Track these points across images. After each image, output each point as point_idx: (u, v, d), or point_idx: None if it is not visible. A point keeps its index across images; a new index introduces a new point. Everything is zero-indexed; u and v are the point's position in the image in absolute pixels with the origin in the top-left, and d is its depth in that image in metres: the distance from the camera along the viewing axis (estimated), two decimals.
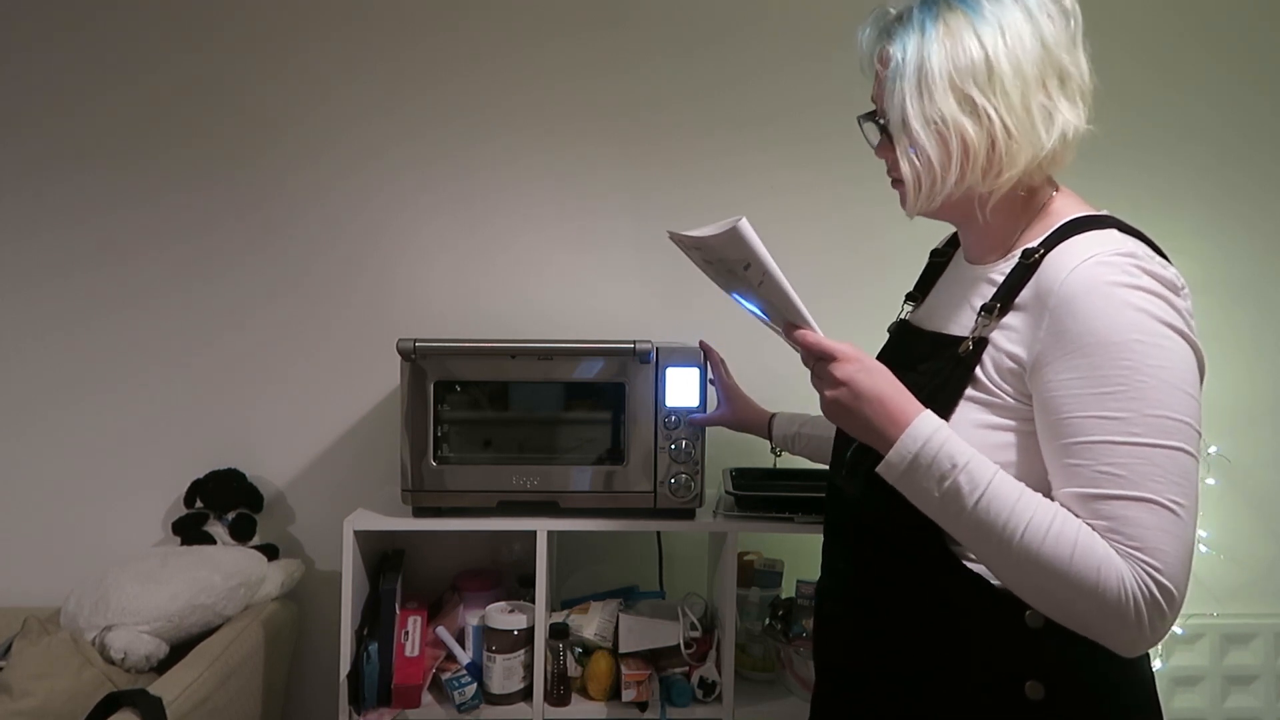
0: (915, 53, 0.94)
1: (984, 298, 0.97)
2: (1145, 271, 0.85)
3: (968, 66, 0.92)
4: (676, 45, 2.01)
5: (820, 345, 0.94)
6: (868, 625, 1.03)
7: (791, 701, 1.70)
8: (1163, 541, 0.80)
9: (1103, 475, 0.83)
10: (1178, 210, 2.06)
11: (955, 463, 0.87)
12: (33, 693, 1.48)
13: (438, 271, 2.01)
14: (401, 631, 1.65)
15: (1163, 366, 0.83)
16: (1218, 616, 2.05)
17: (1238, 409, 2.07)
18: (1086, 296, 0.85)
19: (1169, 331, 0.84)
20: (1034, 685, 0.90)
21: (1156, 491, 0.81)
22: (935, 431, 0.88)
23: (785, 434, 1.56)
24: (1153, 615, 0.81)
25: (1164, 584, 0.80)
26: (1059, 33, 0.93)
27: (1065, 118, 0.93)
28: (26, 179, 1.96)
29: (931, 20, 0.94)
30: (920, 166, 0.95)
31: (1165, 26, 2.06)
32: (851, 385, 0.92)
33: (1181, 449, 0.82)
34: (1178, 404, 0.82)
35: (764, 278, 0.94)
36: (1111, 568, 0.81)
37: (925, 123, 0.94)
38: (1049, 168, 0.96)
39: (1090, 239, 0.90)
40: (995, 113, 0.91)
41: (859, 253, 2.02)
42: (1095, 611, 0.82)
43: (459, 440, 1.69)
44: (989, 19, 0.92)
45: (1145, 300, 0.84)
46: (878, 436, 0.91)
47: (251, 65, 1.98)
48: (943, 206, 0.99)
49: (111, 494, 1.98)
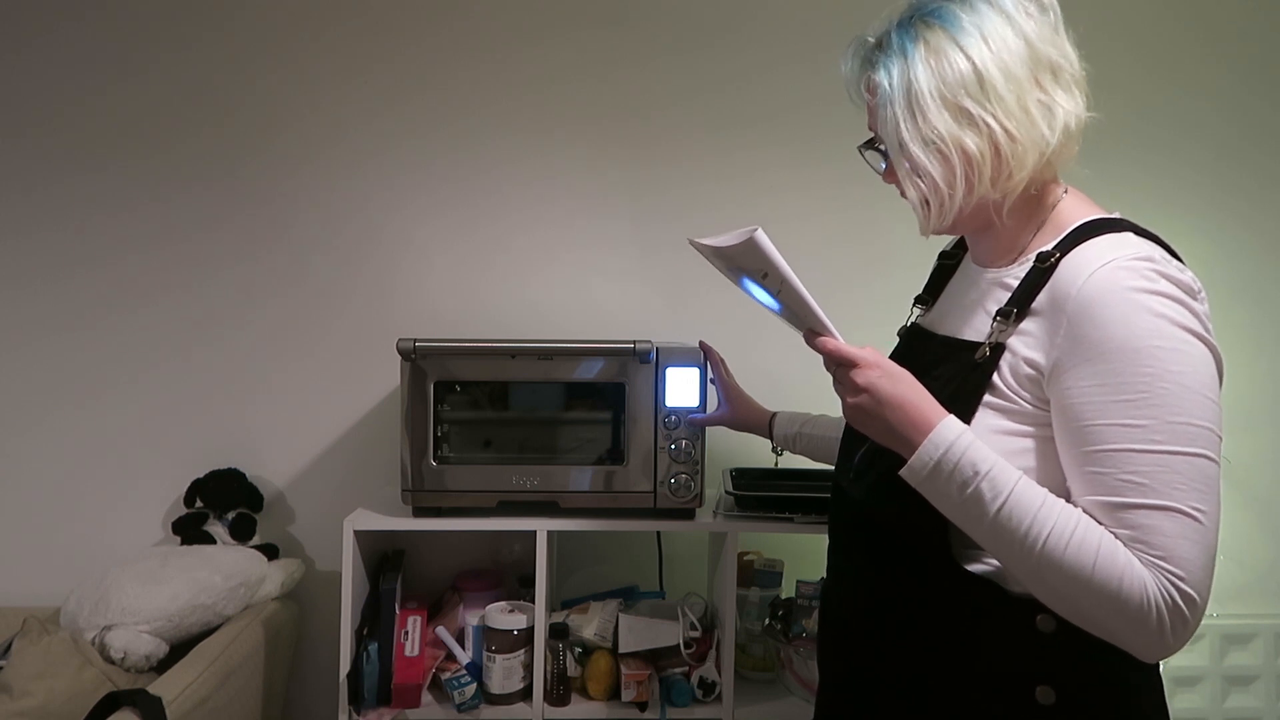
0: (901, 76, 0.93)
1: (999, 302, 0.96)
2: (1163, 276, 0.85)
3: (957, 80, 0.91)
4: (676, 45, 2.01)
5: (841, 352, 0.94)
6: (874, 628, 1.02)
7: (791, 701, 1.70)
8: (1186, 550, 0.80)
9: (1125, 483, 0.82)
10: (1177, 210, 2.06)
11: (978, 470, 0.86)
12: (33, 692, 1.48)
13: (438, 271, 2.01)
14: (401, 631, 1.65)
15: (1184, 372, 0.82)
16: (1218, 616, 2.05)
17: (1238, 409, 2.05)
18: (1105, 302, 0.84)
19: (1188, 336, 0.83)
20: (1045, 690, 0.90)
21: (1179, 499, 0.81)
22: (959, 437, 0.88)
23: (786, 433, 1.56)
24: (1175, 623, 0.80)
25: (1187, 592, 0.80)
26: (1041, 27, 0.93)
27: (1065, 109, 0.92)
28: (26, 179, 1.96)
29: (911, 41, 0.93)
30: (926, 187, 0.95)
31: (1165, 26, 2.06)
32: (874, 391, 0.92)
33: (1204, 455, 0.82)
34: (1199, 410, 0.82)
35: (782, 285, 0.94)
36: (1134, 576, 0.81)
37: (923, 144, 0.93)
38: (1057, 163, 0.95)
39: (1107, 242, 0.89)
40: (994, 119, 0.91)
41: (861, 252, 2.02)
42: (1117, 619, 0.82)
43: (459, 440, 1.69)
44: (969, 29, 0.92)
45: (1164, 305, 0.83)
46: (901, 442, 0.91)
47: (251, 65, 1.98)
48: (957, 221, 0.98)
49: (111, 494, 1.98)
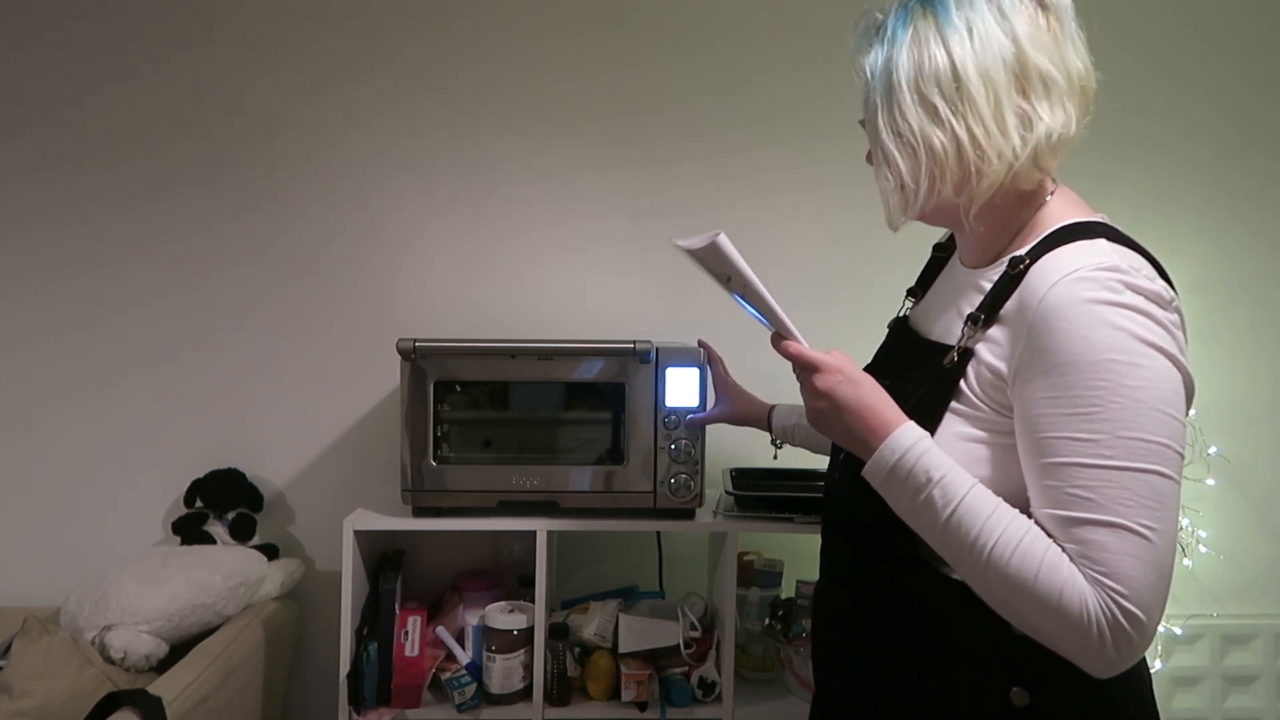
0: (884, 63, 0.92)
1: (972, 305, 0.95)
2: (1129, 287, 0.82)
3: (932, 74, 0.89)
4: (676, 45, 2.01)
5: (803, 356, 0.95)
6: (856, 629, 1.03)
7: (791, 701, 1.70)
8: (1129, 567, 0.78)
9: (1072, 498, 0.81)
10: (1177, 210, 2.07)
11: (931, 476, 0.86)
12: (33, 692, 1.48)
13: (438, 271, 2.01)
14: (401, 631, 1.65)
15: (1139, 387, 0.80)
16: (1218, 617, 2.05)
17: (1238, 409, 2.07)
18: (1064, 315, 0.82)
19: (1149, 350, 0.80)
20: (1019, 692, 0.89)
21: (1126, 516, 0.79)
22: (914, 444, 0.88)
23: (784, 425, 1.56)
24: (1118, 639, 0.79)
25: (1129, 609, 0.78)
26: (1038, 32, 0.88)
27: (1047, 123, 0.88)
28: (26, 179, 1.96)
29: (903, 27, 0.92)
30: (892, 178, 0.94)
31: (1165, 26, 2.06)
32: (833, 396, 0.92)
33: (1155, 471, 0.79)
34: (1153, 425, 0.80)
35: (745, 290, 0.95)
36: (1074, 590, 0.79)
37: (894, 134, 0.92)
38: (1035, 172, 0.91)
39: (1076, 250, 0.86)
40: (962, 121, 0.88)
41: (858, 253, 2.02)
42: (1059, 631, 0.81)
43: (459, 440, 1.69)
44: (956, 23, 0.88)
45: (1125, 318, 0.81)
46: (860, 446, 0.92)
47: (251, 65, 1.98)
48: (922, 216, 0.97)
49: (111, 494, 1.98)
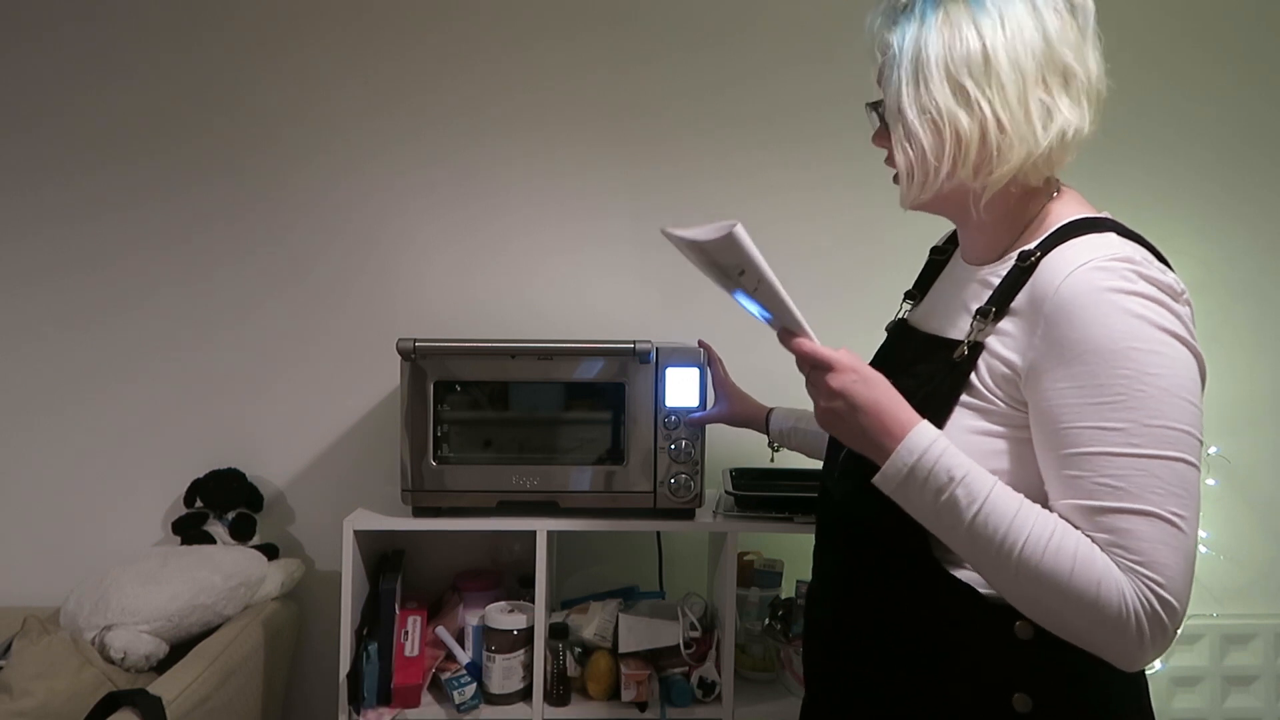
0: (913, 41, 0.93)
1: (980, 300, 0.95)
2: (1143, 277, 0.83)
3: (963, 56, 0.90)
4: (676, 45, 2.01)
5: (816, 354, 0.92)
6: (852, 631, 1.01)
7: (791, 701, 1.70)
8: (1164, 555, 0.79)
9: (1102, 487, 0.81)
10: (1178, 210, 2.06)
11: (953, 475, 0.85)
12: (32, 692, 1.48)
13: (438, 271, 2.01)
14: (401, 631, 1.65)
15: (1161, 374, 0.81)
16: (1218, 617, 2.05)
17: (1238, 409, 2.07)
18: (1082, 303, 0.83)
19: (1167, 338, 0.82)
20: (1021, 698, 0.89)
21: (1157, 504, 0.79)
22: (932, 443, 0.87)
23: (782, 428, 1.56)
24: (1154, 629, 0.79)
25: (1165, 598, 0.79)
26: (1065, 29, 0.91)
27: (1065, 117, 0.90)
28: (26, 179, 1.96)
29: (933, 9, 0.93)
30: (914, 156, 0.94)
31: (1165, 26, 2.05)
32: (848, 396, 0.90)
33: (1182, 459, 0.80)
34: (1177, 413, 0.81)
35: (759, 284, 0.91)
36: (1112, 582, 0.80)
37: (920, 111, 0.92)
38: (1046, 168, 0.93)
39: (1087, 243, 0.88)
40: (989, 105, 0.89)
41: (859, 253, 2.02)
42: (1095, 626, 0.81)
43: (459, 440, 1.69)
44: (989, 9, 0.91)
45: (1143, 306, 0.82)
46: (874, 447, 0.90)
47: (251, 65, 1.98)
48: (935, 199, 0.97)
49: (111, 494, 1.98)
